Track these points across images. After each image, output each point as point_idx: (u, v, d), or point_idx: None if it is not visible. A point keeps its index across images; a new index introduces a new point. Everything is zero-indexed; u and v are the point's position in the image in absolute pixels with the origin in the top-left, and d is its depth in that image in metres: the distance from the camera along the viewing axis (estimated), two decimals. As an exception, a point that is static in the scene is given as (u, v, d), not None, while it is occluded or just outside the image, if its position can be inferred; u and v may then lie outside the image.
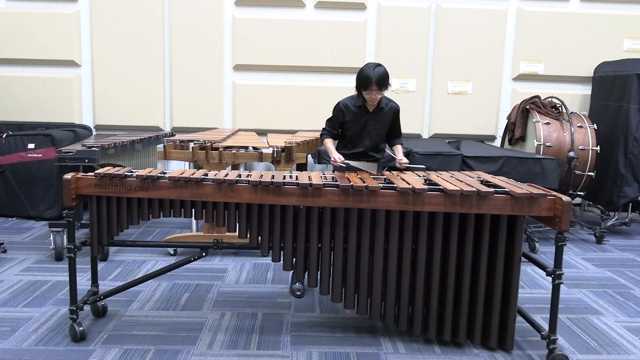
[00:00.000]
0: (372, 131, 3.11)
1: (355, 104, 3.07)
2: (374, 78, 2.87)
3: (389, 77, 2.95)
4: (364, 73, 2.92)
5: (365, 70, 2.92)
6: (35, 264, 3.66)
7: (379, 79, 2.88)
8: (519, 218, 2.50)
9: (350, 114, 3.08)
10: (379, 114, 3.08)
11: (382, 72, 2.91)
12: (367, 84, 2.90)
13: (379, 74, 2.88)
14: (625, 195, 4.54)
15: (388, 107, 3.10)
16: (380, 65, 2.93)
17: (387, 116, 3.12)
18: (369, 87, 2.90)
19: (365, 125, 3.09)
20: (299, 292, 3.20)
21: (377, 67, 2.91)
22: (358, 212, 2.54)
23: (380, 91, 2.93)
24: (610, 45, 5.29)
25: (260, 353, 2.54)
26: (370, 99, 2.97)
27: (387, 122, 3.14)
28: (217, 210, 2.56)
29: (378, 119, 3.10)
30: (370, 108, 3.06)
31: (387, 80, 2.93)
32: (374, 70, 2.89)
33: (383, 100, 3.07)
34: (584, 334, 2.83)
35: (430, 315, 2.60)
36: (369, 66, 2.93)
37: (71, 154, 3.42)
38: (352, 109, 3.08)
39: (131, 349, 2.54)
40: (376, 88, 2.90)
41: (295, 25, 5.22)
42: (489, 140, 5.45)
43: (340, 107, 3.10)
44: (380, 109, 3.07)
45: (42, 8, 5.19)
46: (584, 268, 3.89)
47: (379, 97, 2.97)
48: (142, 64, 5.25)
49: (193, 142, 3.96)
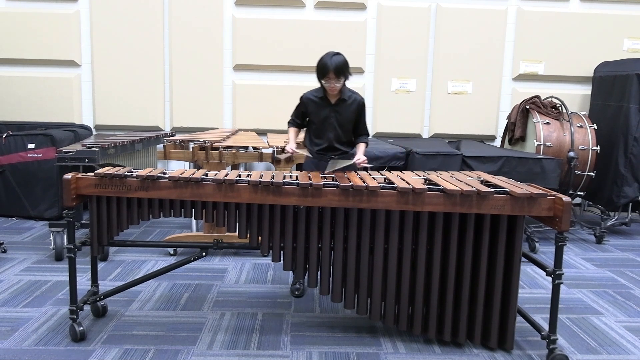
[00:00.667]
0: (334, 123, 3.06)
1: (317, 95, 3.06)
2: (332, 66, 2.85)
3: (348, 66, 2.93)
4: (321, 62, 2.90)
5: (324, 58, 2.90)
6: (35, 264, 3.66)
7: (336, 67, 2.86)
8: (519, 218, 2.50)
9: (313, 105, 3.07)
10: (341, 105, 3.05)
11: (340, 60, 2.89)
12: (325, 73, 2.88)
13: (336, 62, 2.86)
14: (625, 195, 4.54)
15: (352, 100, 3.06)
16: (339, 54, 2.91)
17: (351, 108, 3.06)
18: (327, 75, 2.88)
19: (328, 117, 3.06)
20: (298, 292, 3.20)
21: (335, 56, 2.89)
22: (358, 212, 2.54)
23: (338, 80, 2.90)
24: (610, 45, 5.29)
25: (260, 353, 2.54)
26: (329, 87, 2.94)
27: (350, 115, 3.08)
28: (217, 210, 2.56)
29: (341, 111, 3.05)
30: (332, 99, 3.03)
31: (345, 69, 2.90)
32: (332, 59, 2.87)
33: (346, 92, 3.04)
34: (584, 334, 2.83)
35: (430, 315, 2.60)
36: (327, 55, 2.91)
37: (71, 154, 3.42)
38: (314, 100, 3.06)
39: (131, 349, 2.54)
40: (334, 76, 2.88)
41: (295, 25, 5.22)
42: (489, 140, 5.45)
43: (303, 100, 3.10)
44: (343, 101, 3.04)
45: (42, 8, 5.19)
46: (584, 268, 3.89)
47: (337, 86, 2.93)
48: (142, 64, 5.25)
49: (193, 142, 3.97)
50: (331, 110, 3.04)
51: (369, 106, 5.39)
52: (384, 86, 5.32)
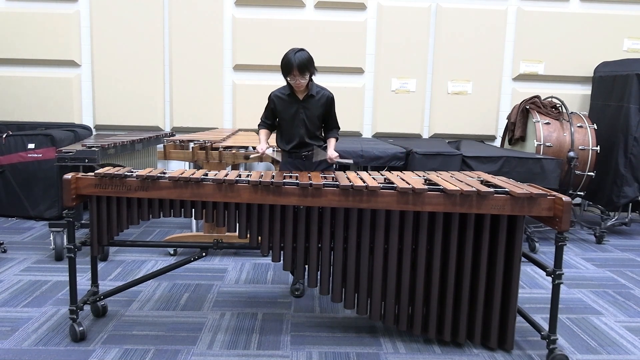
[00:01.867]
0: (304, 119, 3.06)
1: (285, 92, 3.06)
2: (295, 62, 2.85)
3: (312, 62, 2.93)
4: (285, 58, 2.90)
5: (287, 55, 2.90)
6: (35, 264, 3.66)
7: (300, 63, 2.86)
8: (519, 218, 2.50)
9: (281, 103, 3.07)
10: (309, 101, 3.05)
11: (304, 56, 2.89)
12: (289, 69, 2.89)
13: (299, 58, 2.87)
14: (625, 195, 4.54)
15: (320, 95, 3.06)
16: (302, 50, 2.92)
17: (319, 104, 3.06)
18: (291, 72, 2.88)
19: (297, 113, 3.05)
20: (298, 292, 3.20)
21: (299, 52, 2.89)
22: (358, 212, 2.54)
23: (303, 76, 2.90)
24: (610, 45, 5.29)
25: (260, 353, 2.54)
26: (295, 84, 2.95)
27: (320, 110, 3.08)
28: (217, 210, 2.56)
29: (309, 107, 3.05)
30: (300, 95, 3.03)
31: (309, 64, 2.91)
32: (295, 55, 2.87)
33: (314, 88, 3.04)
34: (584, 334, 2.83)
35: (430, 315, 2.60)
36: (291, 51, 2.91)
37: (71, 154, 3.42)
38: (282, 97, 3.06)
39: (131, 349, 2.54)
40: (298, 73, 2.88)
41: (295, 25, 5.22)
42: (489, 140, 5.45)
43: (272, 97, 3.09)
44: (311, 97, 3.04)
45: (42, 8, 5.19)
46: (584, 268, 3.89)
47: (303, 82, 2.93)
48: (142, 64, 5.25)
49: (193, 142, 3.97)
50: (299, 106, 3.04)
51: (368, 106, 5.39)
52: (384, 86, 5.32)
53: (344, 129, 5.58)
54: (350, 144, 4.40)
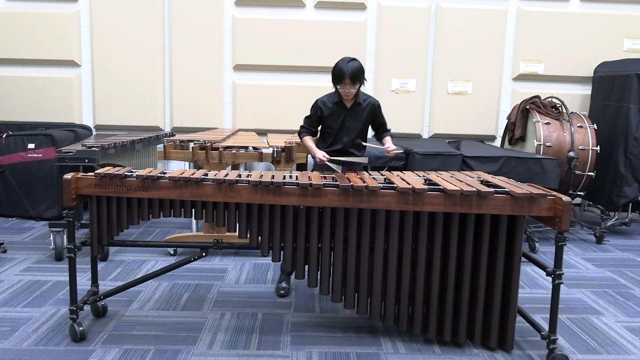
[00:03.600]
0: (350, 127, 3.10)
1: (332, 100, 3.08)
2: (348, 72, 2.88)
3: (363, 71, 2.96)
4: (337, 67, 2.93)
5: (340, 64, 2.93)
6: (35, 264, 3.66)
7: (353, 73, 2.89)
8: (519, 218, 2.50)
9: (328, 111, 3.09)
10: (356, 109, 3.08)
11: (356, 66, 2.91)
12: (341, 78, 2.91)
13: (352, 68, 2.89)
14: (625, 195, 4.54)
15: (366, 103, 3.09)
16: (355, 59, 2.94)
17: (365, 112, 3.10)
18: (343, 81, 2.91)
19: (344, 121, 3.08)
20: (283, 292, 3.19)
21: (351, 62, 2.92)
22: (358, 212, 2.54)
23: (354, 85, 2.93)
24: (610, 45, 5.29)
25: (260, 353, 2.54)
26: (345, 93, 2.97)
27: (365, 118, 3.12)
28: (217, 210, 2.56)
29: (356, 115, 3.09)
30: (347, 104, 3.06)
31: (361, 74, 2.94)
32: (348, 65, 2.90)
33: (361, 96, 3.07)
34: (584, 334, 2.83)
35: (430, 315, 2.60)
36: (343, 60, 2.93)
37: (71, 154, 3.42)
38: (329, 105, 3.09)
39: (131, 349, 2.54)
40: (349, 82, 2.90)
41: (295, 25, 5.22)
42: (489, 140, 5.45)
43: (319, 104, 3.11)
44: (358, 105, 3.07)
45: (42, 8, 5.19)
46: (584, 268, 3.89)
47: (353, 91, 2.97)
48: (142, 64, 5.25)
49: (193, 142, 3.96)
50: (346, 114, 3.07)
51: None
52: (384, 86, 5.32)
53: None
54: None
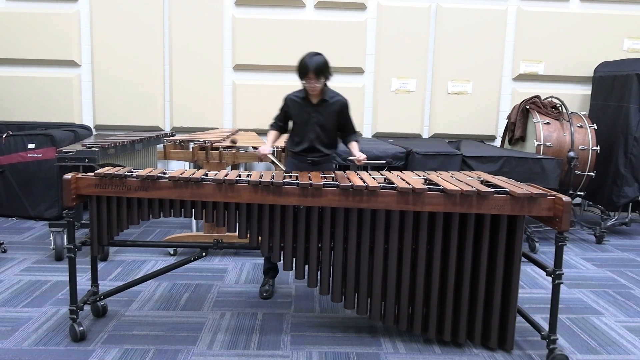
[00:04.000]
0: (316, 124, 3.05)
1: (300, 96, 3.06)
2: (311, 66, 2.86)
3: (328, 66, 2.93)
4: (302, 62, 2.91)
5: (304, 59, 2.91)
6: (35, 264, 3.66)
7: (316, 67, 2.86)
8: (519, 218, 2.50)
9: (295, 106, 3.07)
10: (323, 106, 3.03)
11: (320, 60, 2.89)
12: (305, 73, 2.89)
13: (316, 62, 2.87)
14: (625, 195, 4.54)
15: (334, 101, 3.05)
16: (319, 54, 2.92)
17: (333, 109, 3.05)
18: (307, 75, 2.88)
19: (309, 117, 3.04)
20: (266, 294, 3.18)
21: (316, 56, 2.90)
22: (358, 212, 2.54)
23: (318, 80, 2.90)
24: (610, 45, 5.29)
25: (260, 353, 2.54)
26: (310, 88, 2.94)
27: (333, 116, 3.06)
28: (217, 210, 2.56)
29: (322, 112, 3.04)
30: (314, 100, 3.02)
31: (325, 69, 2.91)
32: (312, 59, 2.88)
33: (329, 93, 3.03)
34: (584, 334, 2.83)
35: (430, 315, 2.60)
36: (308, 55, 2.92)
37: (71, 154, 3.42)
38: (296, 100, 3.06)
39: (131, 349, 2.54)
40: (314, 76, 2.88)
41: (295, 25, 5.22)
42: (489, 140, 5.45)
43: (286, 99, 3.10)
44: (324, 102, 3.03)
45: (42, 8, 5.19)
46: (584, 268, 3.89)
47: (318, 86, 2.93)
48: (142, 64, 5.25)
49: (193, 142, 3.96)
50: (313, 110, 3.03)
51: (368, 106, 5.39)
52: (384, 86, 5.32)
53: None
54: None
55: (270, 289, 3.21)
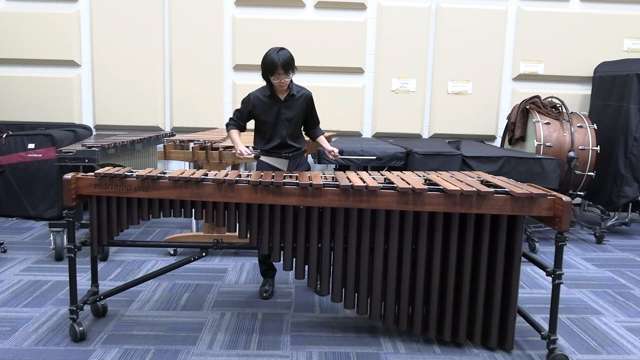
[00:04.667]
0: (286, 120, 3.03)
1: (265, 94, 3.01)
2: (280, 62, 2.83)
3: (293, 60, 2.92)
4: (268, 58, 2.88)
5: (270, 55, 2.88)
6: (35, 264, 3.66)
7: (285, 62, 2.84)
8: (519, 218, 2.50)
9: (262, 105, 3.02)
10: (291, 101, 3.02)
11: (287, 55, 2.88)
12: (274, 69, 2.86)
13: (283, 57, 2.85)
14: (625, 195, 4.54)
15: (300, 94, 3.03)
16: (283, 48, 2.91)
17: (300, 103, 3.04)
18: (276, 71, 2.86)
19: (279, 114, 3.02)
20: (266, 294, 3.18)
21: (281, 51, 2.88)
22: (358, 212, 2.54)
23: (287, 75, 2.89)
24: (610, 45, 5.29)
25: (260, 353, 2.54)
26: (279, 84, 2.92)
27: (301, 110, 3.06)
28: (217, 210, 2.56)
29: (291, 106, 3.03)
30: (281, 95, 3.00)
31: (292, 63, 2.90)
32: (279, 54, 2.85)
33: (294, 88, 3.02)
34: (584, 334, 2.83)
35: (430, 315, 2.60)
36: (272, 50, 2.89)
37: (71, 154, 3.42)
38: (262, 99, 3.01)
39: (131, 349, 2.54)
40: (282, 72, 2.86)
41: (295, 25, 5.22)
42: (489, 140, 5.45)
43: (251, 99, 3.04)
44: (292, 96, 3.01)
45: (42, 8, 5.19)
46: (584, 268, 3.89)
47: (287, 80, 2.92)
48: (142, 64, 5.25)
49: (193, 142, 3.96)
50: (281, 107, 3.01)
51: (368, 106, 5.39)
52: (384, 86, 5.32)
53: (344, 128, 5.59)
54: (350, 144, 4.40)
55: (270, 289, 3.22)
